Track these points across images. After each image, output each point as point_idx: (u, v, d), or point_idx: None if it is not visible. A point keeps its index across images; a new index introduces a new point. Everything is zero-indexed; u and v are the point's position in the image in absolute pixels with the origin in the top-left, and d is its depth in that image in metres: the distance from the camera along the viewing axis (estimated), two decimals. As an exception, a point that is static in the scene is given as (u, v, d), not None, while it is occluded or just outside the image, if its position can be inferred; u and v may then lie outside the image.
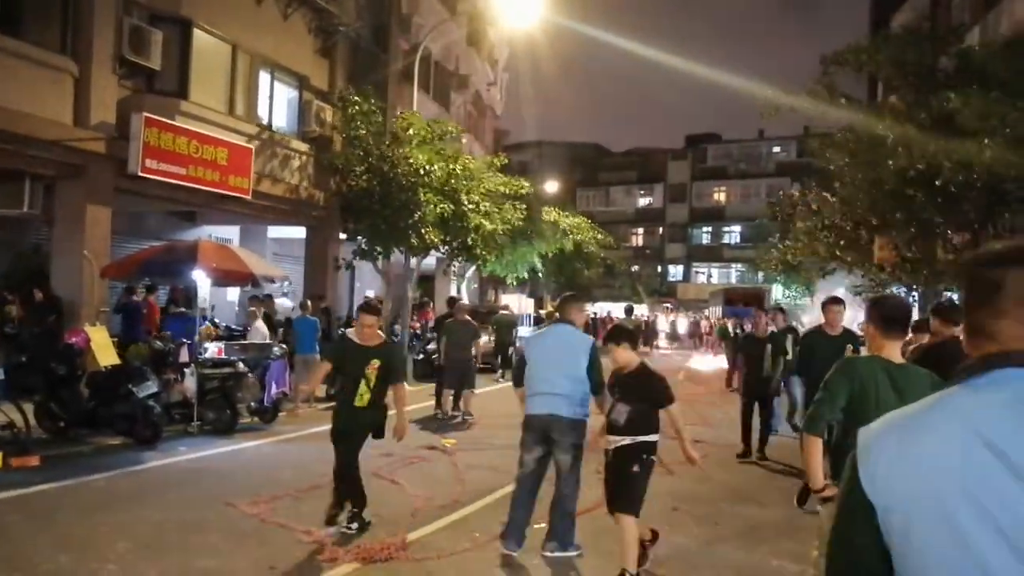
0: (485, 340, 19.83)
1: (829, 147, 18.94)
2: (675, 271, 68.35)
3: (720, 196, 66.29)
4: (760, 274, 44.44)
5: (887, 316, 4.27)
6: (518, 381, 6.88)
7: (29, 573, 5.97)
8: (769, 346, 11.10)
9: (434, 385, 15.23)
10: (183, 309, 15.59)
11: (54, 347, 11.68)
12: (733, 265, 63.61)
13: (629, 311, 20.87)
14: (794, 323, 17.45)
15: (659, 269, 66.95)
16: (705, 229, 67.39)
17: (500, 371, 20.75)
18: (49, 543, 6.61)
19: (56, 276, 13.87)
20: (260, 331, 14.07)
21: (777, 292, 44.21)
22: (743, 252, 57.56)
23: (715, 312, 48.31)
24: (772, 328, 12.29)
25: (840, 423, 4.26)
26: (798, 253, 28.48)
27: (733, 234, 65.26)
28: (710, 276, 66.99)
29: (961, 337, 4.58)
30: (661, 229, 68.54)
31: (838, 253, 24.84)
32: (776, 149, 62.37)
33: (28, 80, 12.57)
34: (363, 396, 7.15)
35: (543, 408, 6.54)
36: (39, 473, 8.80)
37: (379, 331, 7.50)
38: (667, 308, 56.71)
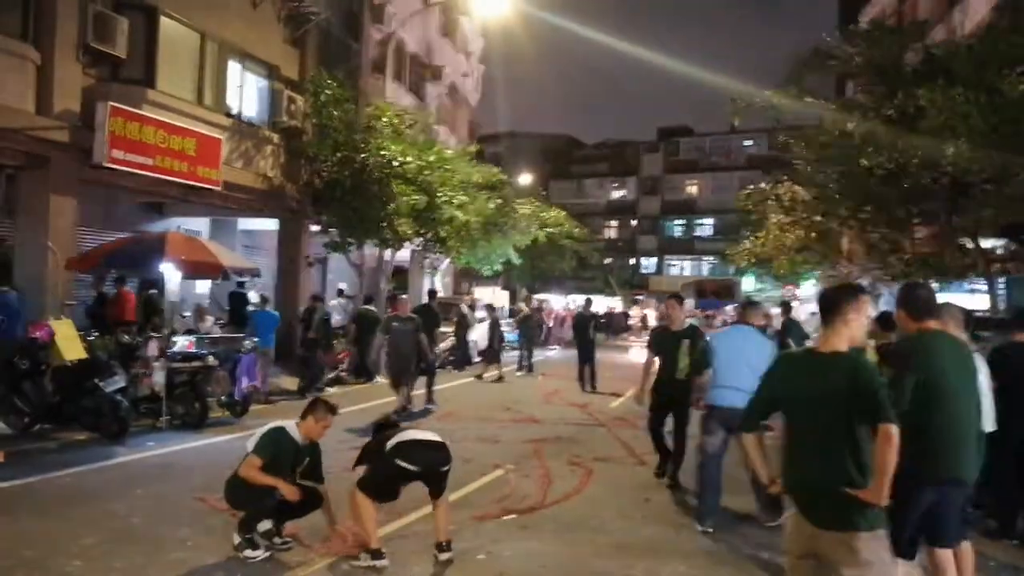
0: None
1: (798, 143, 18.96)
2: (648, 263, 68.44)
3: (692, 189, 66.42)
4: (732, 267, 44.63)
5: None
6: (699, 368, 8.25)
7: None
8: (686, 341, 9.01)
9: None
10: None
11: (16, 341, 11.42)
12: (705, 258, 63.80)
13: (588, 304, 20.89)
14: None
15: (632, 261, 67.03)
16: (677, 222, 67.53)
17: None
18: (13, 540, 6.43)
19: (19, 268, 13.54)
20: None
21: (748, 285, 44.40)
22: (715, 245, 57.72)
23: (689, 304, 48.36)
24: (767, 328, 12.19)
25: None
26: (768, 246, 28.62)
27: (705, 227, 65.46)
28: (682, 269, 67.15)
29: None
30: (634, 222, 68.59)
31: (809, 245, 24.98)
32: (747, 143, 62.52)
33: (-11, 67, 12.23)
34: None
35: (730, 401, 7.18)
36: (3, 469, 8.56)
37: None
38: (640, 300, 56.85)
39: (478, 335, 23.91)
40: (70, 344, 10.99)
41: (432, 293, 18.39)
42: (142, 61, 15.11)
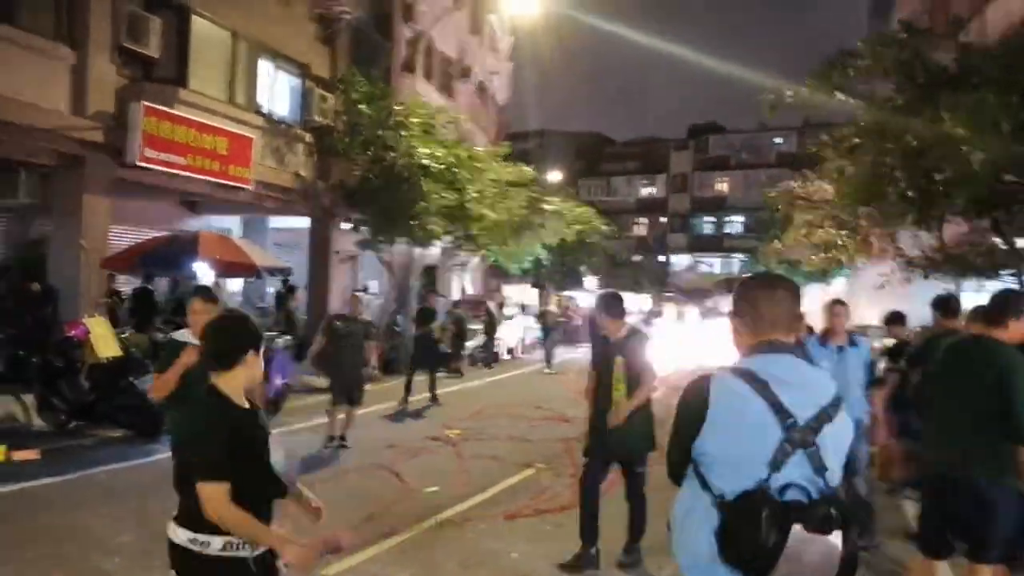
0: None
1: (829, 145, 18.72)
2: (677, 261, 68.18)
3: (722, 186, 66.12)
4: (761, 265, 44.36)
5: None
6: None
7: (32, 565, 5.84)
8: (619, 360, 6.37)
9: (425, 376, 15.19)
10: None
11: (51, 339, 11.52)
12: (735, 255, 63.44)
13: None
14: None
15: (661, 259, 66.77)
16: (707, 219, 67.24)
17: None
18: (52, 536, 6.47)
19: (54, 267, 13.66)
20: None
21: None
22: (745, 242, 57.36)
23: (715, 302, 48.33)
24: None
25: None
26: (796, 246, 28.49)
27: (735, 224, 65.13)
28: (712, 266, 66.84)
29: (960, 329, 4.16)
30: (664, 219, 68.34)
31: (839, 243, 24.77)
32: (778, 140, 62.07)
33: (23, 68, 12.32)
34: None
35: None
36: (40, 467, 8.65)
37: None
38: (670, 298, 56.54)
39: (507, 333, 23.91)
40: (105, 342, 11.04)
41: (429, 289, 18.61)
42: (174, 60, 15.19)
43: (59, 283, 13.27)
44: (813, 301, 22.70)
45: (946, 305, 7.25)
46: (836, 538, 2.35)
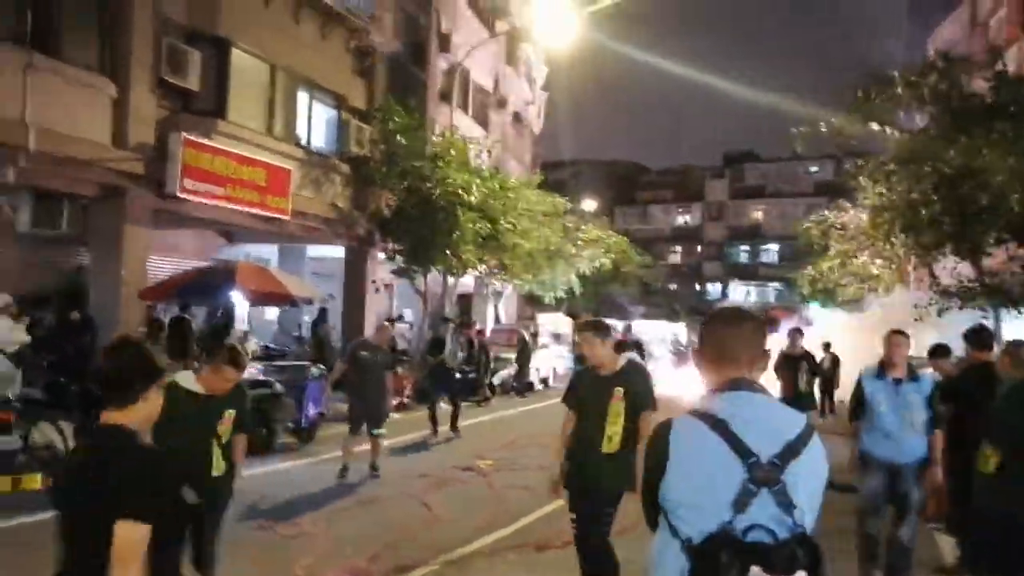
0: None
1: (861, 171, 18.53)
2: (713, 289, 67.80)
3: (757, 215, 65.86)
4: (796, 294, 43.99)
5: None
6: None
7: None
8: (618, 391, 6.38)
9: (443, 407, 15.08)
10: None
11: (90, 368, 11.66)
12: (771, 284, 62.99)
13: (628, 330, 20.51)
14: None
15: (697, 287, 66.45)
16: (743, 248, 66.94)
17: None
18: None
19: (94, 296, 13.87)
20: None
21: (813, 311, 43.66)
22: (781, 271, 57.01)
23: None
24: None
25: None
26: (832, 273, 28.33)
27: (771, 252, 64.78)
28: (748, 294, 66.37)
29: (992, 361, 4.01)
30: (699, 247, 68.14)
31: (875, 272, 24.55)
32: (813, 168, 61.70)
33: (66, 100, 12.58)
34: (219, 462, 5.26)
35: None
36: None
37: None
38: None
39: (540, 362, 23.86)
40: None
41: (445, 320, 18.51)
42: (214, 92, 15.44)
43: (99, 312, 13.45)
44: (847, 330, 22.45)
45: (978, 337, 7.15)
46: None
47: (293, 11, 17.31)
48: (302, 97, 18.19)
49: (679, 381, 16.39)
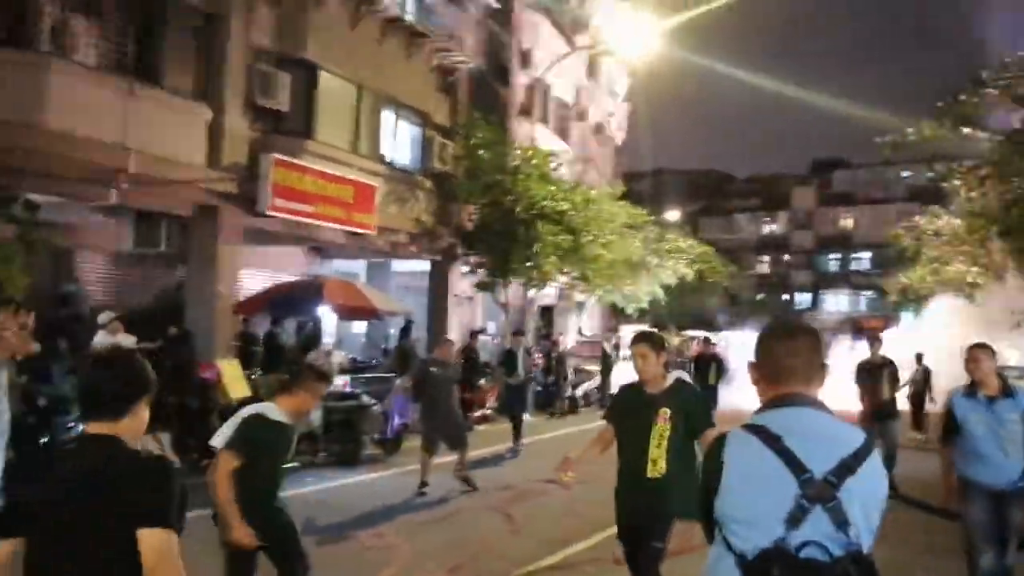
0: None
1: (956, 177, 18.05)
2: (802, 299, 66.42)
3: (847, 222, 64.32)
4: (890, 302, 42.87)
5: None
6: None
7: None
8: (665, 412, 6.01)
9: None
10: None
11: (188, 381, 12.17)
12: (863, 293, 61.42)
13: (707, 343, 19.64)
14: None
15: (785, 297, 65.17)
16: (832, 256, 65.45)
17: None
18: (186, 572, 6.79)
19: (190, 312, 14.47)
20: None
21: (907, 321, 42.47)
22: (873, 279, 55.57)
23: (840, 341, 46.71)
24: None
25: None
26: (926, 280, 27.61)
27: (862, 261, 63.15)
28: (838, 304, 64.83)
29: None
30: (787, 256, 66.86)
31: (969, 280, 23.89)
32: (905, 174, 60.00)
33: (166, 126, 13.19)
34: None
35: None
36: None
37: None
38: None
39: (623, 374, 23.74)
40: (236, 384, 11.62)
41: (473, 333, 18.76)
42: (302, 114, 15.94)
43: (194, 326, 14.03)
44: (938, 338, 21.77)
45: None
46: None
47: (378, 33, 17.75)
48: (387, 115, 18.62)
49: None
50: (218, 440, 4.70)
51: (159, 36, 13.49)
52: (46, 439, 9.45)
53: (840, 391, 14.25)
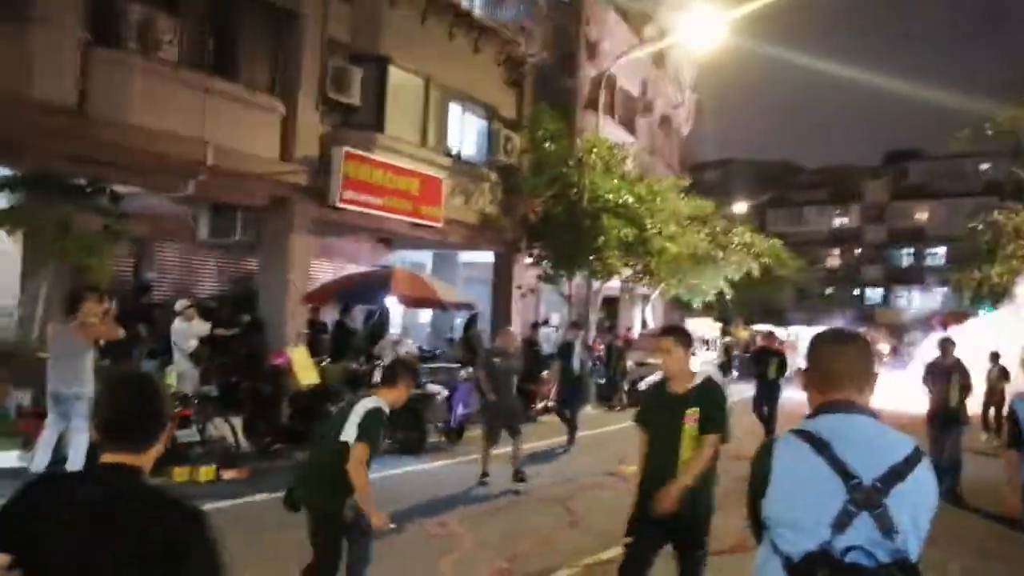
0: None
1: None
2: (873, 294, 65.11)
3: (922, 215, 62.73)
4: (966, 298, 41.77)
5: None
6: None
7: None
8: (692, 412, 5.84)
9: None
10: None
11: (260, 368, 12.59)
12: (936, 288, 59.96)
13: (770, 336, 17.96)
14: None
15: (856, 292, 63.93)
16: (905, 250, 63.95)
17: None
18: (257, 554, 7.11)
19: (263, 301, 14.93)
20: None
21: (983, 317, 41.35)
22: (948, 274, 54.25)
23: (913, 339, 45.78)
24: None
25: None
26: (1004, 277, 26.85)
27: (936, 256, 61.55)
28: (911, 300, 63.41)
29: None
30: (858, 250, 65.55)
31: None
32: (984, 166, 58.28)
33: (242, 120, 13.66)
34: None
35: None
36: (247, 485, 9.53)
37: None
38: (864, 333, 54.08)
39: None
40: (305, 371, 11.99)
41: (535, 324, 18.74)
42: (373, 108, 16.27)
43: (266, 314, 14.48)
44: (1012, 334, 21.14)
45: None
46: None
47: (447, 27, 17.99)
48: (454, 109, 18.87)
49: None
50: (349, 433, 4.91)
51: (236, 32, 13.97)
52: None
53: (911, 392, 13.79)
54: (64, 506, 2.22)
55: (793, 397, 14.78)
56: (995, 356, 17.24)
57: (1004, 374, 17.02)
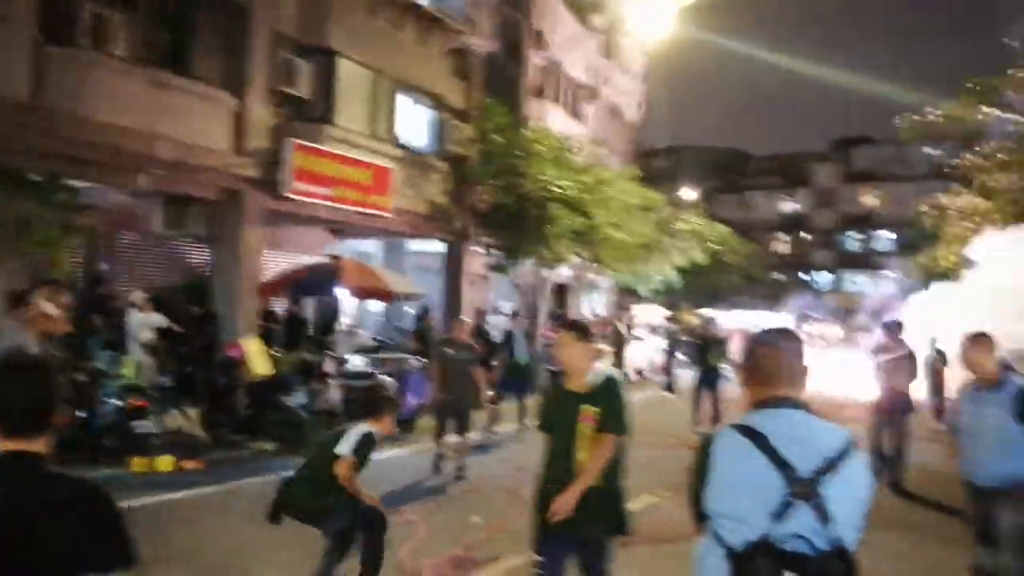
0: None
1: (977, 160, 18.12)
2: (822, 279, 66.34)
3: (869, 200, 64.01)
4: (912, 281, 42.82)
5: None
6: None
7: (194, 570, 6.70)
8: (587, 409, 5.49)
9: None
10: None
11: (215, 359, 12.78)
12: (884, 272, 61.30)
13: (709, 323, 18.16)
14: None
15: (804, 277, 65.09)
16: (854, 235, 65.21)
17: None
18: (218, 545, 7.31)
19: (217, 292, 15.06)
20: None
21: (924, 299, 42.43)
22: (894, 258, 55.42)
23: (862, 323, 46.79)
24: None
25: None
26: (948, 260, 27.56)
27: (883, 240, 62.89)
28: (859, 283, 64.77)
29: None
30: (807, 235, 66.70)
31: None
32: (929, 151, 59.50)
33: (193, 114, 13.75)
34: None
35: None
36: (204, 475, 9.75)
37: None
38: (811, 318, 55.19)
39: (635, 354, 24.26)
40: (259, 361, 12.20)
41: (481, 313, 18.86)
42: (322, 100, 16.36)
43: (221, 306, 14.64)
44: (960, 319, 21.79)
45: None
46: None
47: (395, 19, 18.13)
48: (403, 100, 19.01)
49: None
50: (345, 448, 5.68)
51: (187, 27, 14.07)
52: (85, 413, 10.03)
53: (860, 378, 13.95)
54: None
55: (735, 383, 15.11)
56: (932, 341, 17.35)
57: (942, 357, 16.92)
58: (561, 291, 27.35)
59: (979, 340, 5.69)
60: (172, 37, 13.77)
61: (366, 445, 5.75)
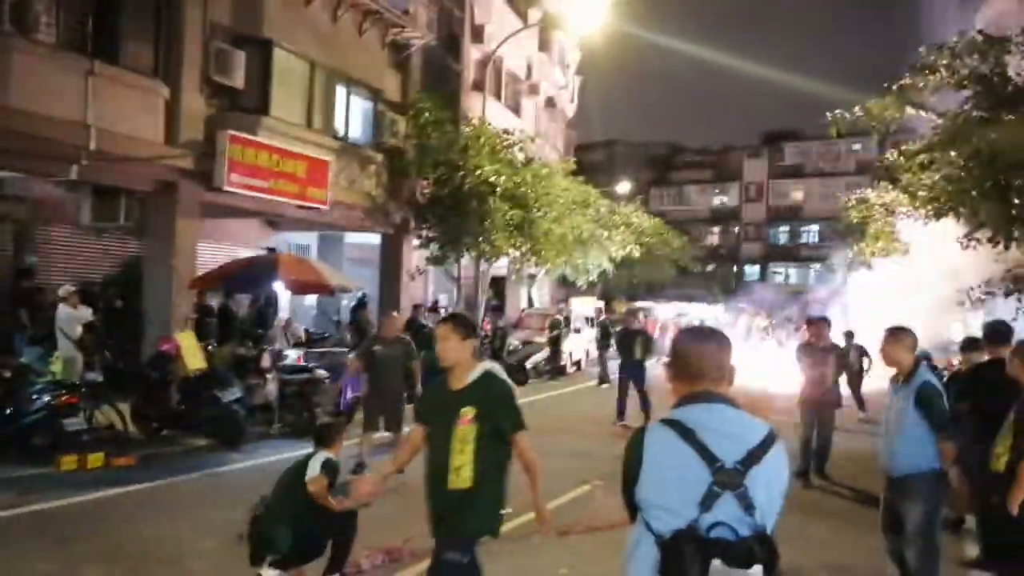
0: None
1: (900, 160, 18.54)
2: (752, 271, 67.52)
3: (798, 195, 65.30)
4: (838, 274, 43.87)
5: None
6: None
7: (128, 567, 6.63)
8: (467, 412, 5.26)
9: None
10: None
11: (137, 353, 12.56)
12: (812, 265, 62.67)
13: (633, 314, 18.08)
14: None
15: (735, 269, 66.21)
16: (782, 228, 66.48)
17: None
18: (145, 540, 7.25)
19: (148, 285, 14.79)
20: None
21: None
22: (822, 252, 56.71)
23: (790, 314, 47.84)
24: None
25: None
26: (875, 252, 28.26)
27: (811, 233, 64.25)
28: (788, 276, 66.13)
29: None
30: (737, 228, 67.80)
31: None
32: (856, 146, 61.07)
33: (125, 103, 13.48)
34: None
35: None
36: (136, 472, 9.60)
37: None
38: (742, 309, 56.20)
39: (572, 345, 24.46)
40: (193, 356, 12.01)
41: (417, 306, 19.14)
42: (258, 91, 16.19)
43: (153, 300, 14.38)
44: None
45: (993, 332, 7.23)
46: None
47: (331, 10, 18.00)
48: (340, 92, 18.88)
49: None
50: (313, 471, 6.07)
51: (117, 14, 13.71)
52: (11, 410, 9.79)
53: (786, 371, 14.25)
54: None
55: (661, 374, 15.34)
56: (849, 335, 17.50)
57: (862, 352, 17.27)
58: (498, 283, 27.45)
59: (897, 334, 5.79)
60: (100, 24, 13.39)
61: (332, 468, 6.16)
